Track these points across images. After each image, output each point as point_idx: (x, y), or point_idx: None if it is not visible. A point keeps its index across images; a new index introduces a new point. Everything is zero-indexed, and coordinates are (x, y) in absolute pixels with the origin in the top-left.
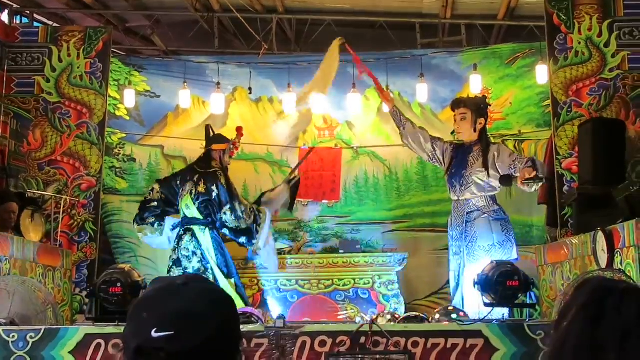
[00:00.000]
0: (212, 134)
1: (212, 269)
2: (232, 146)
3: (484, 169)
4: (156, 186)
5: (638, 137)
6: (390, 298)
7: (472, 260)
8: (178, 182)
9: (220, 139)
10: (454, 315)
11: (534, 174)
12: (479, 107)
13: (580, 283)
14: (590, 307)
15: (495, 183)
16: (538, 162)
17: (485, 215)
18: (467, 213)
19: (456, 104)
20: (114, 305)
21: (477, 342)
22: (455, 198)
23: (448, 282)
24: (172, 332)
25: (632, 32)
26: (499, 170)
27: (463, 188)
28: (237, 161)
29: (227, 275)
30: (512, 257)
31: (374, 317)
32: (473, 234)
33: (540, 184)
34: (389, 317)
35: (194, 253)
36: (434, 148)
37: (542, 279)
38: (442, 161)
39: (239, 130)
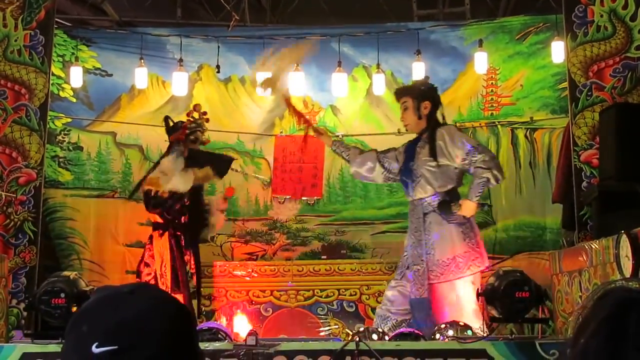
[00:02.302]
0: (171, 124)
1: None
2: (195, 127)
3: (431, 158)
4: None
5: None
6: None
7: (433, 277)
8: None
9: (176, 127)
10: (451, 332)
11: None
12: (419, 91)
13: (601, 294)
14: (612, 321)
15: (452, 173)
16: (495, 163)
17: (442, 218)
18: (424, 215)
19: (397, 95)
20: (56, 319)
21: None
22: (410, 198)
23: None
24: (116, 347)
25: None
26: (454, 158)
27: (414, 184)
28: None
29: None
30: (478, 269)
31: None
32: (431, 243)
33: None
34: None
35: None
36: (383, 166)
37: (556, 289)
38: (397, 171)
39: (195, 107)
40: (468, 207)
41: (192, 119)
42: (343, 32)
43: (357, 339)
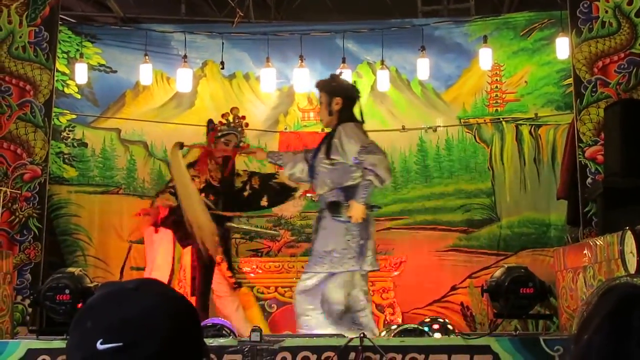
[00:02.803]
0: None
1: None
2: (226, 130)
3: (325, 156)
4: None
5: None
6: (385, 308)
7: (306, 267)
8: None
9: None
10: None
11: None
12: (330, 86)
13: (605, 290)
14: (617, 317)
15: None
16: (382, 165)
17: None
18: (320, 211)
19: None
20: (61, 315)
21: (485, 359)
22: (316, 196)
23: (453, 287)
24: (121, 344)
25: None
26: (348, 156)
27: (314, 182)
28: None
29: None
30: (353, 269)
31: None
32: (316, 236)
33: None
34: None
35: None
36: (307, 162)
37: (561, 286)
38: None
39: (232, 110)
40: (355, 209)
41: (224, 122)
42: (347, 29)
43: (362, 334)
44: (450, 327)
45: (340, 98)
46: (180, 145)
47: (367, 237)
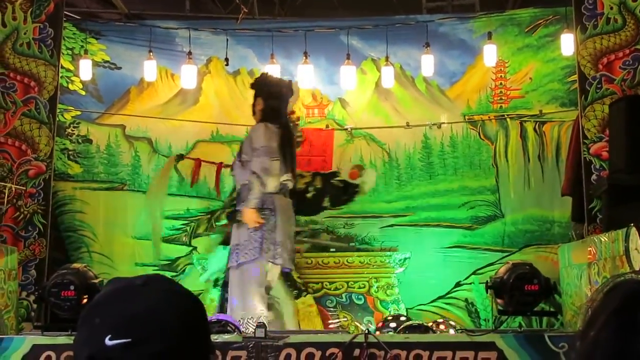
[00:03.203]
0: None
1: None
2: None
3: (237, 154)
4: None
5: None
6: (390, 304)
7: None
8: None
9: None
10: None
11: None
12: (256, 86)
13: (611, 287)
14: (623, 314)
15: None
16: (266, 170)
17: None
18: None
19: None
20: (66, 311)
21: (489, 356)
22: None
23: (458, 284)
24: (129, 340)
25: None
26: (250, 156)
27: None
28: (212, 143)
29: None
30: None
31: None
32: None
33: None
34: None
35: None
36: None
37: (565, 282)
38: None
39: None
40: (246, 214)
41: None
42: (352, 25)
43: (367, 331)
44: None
45: (260, 98)
46: (180, 157)
47: (274, 231)
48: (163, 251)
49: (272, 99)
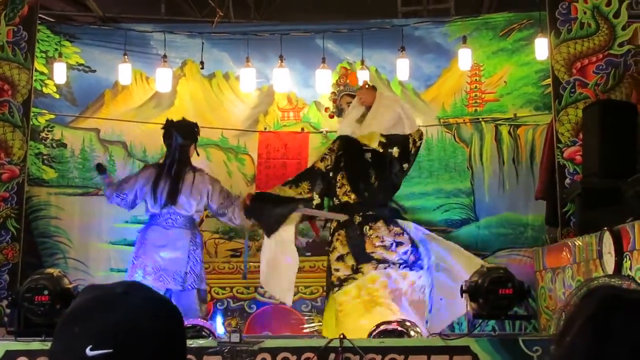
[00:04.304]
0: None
1: None
2: None
3: None
4: None
5: None
6: None
7: None
8: None
9: None
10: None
11: None
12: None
13: (586, 292)
14: (598, 319)
15: None
16: None
17: None
18: None
19: None
20: (40, 316)
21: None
22: None
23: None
24: (111, 350)
25: None
26: None
27: None
28: None
29: None
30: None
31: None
32: None
33: None
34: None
35: None
36: None
37: (539, 286)
38: None
39: None
40: None
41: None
42: (327, 29)
43: (342, 335)
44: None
45: None
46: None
47: None
48: None
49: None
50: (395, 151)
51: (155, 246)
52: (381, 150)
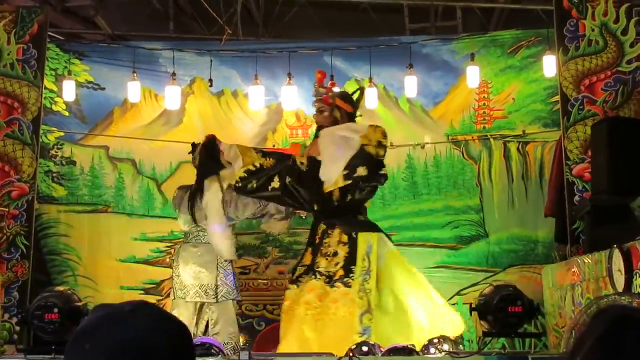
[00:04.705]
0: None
1: None
2: None
3: None
4: None
5: None
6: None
7: None
8: None
9: None
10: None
11: None
12: None
13: (597, 312)
14: (608, 339)
15: None
16: None
17: None
18: None
19: None
20: (49, 334)
21: None
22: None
23: None
24: None
25: None
26: None
27: None
28: None
29: None
30: None
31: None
32: None
33: None
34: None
35: None
36: None
37: (549, 304)
38: None
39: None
40: None
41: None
42: (335, 46)
43: (351, 354)
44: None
45: None
46: None
47: None
48: (149, 274)
49: None
50: (362, 170)
51: (186, 263)
52: (349, 181)
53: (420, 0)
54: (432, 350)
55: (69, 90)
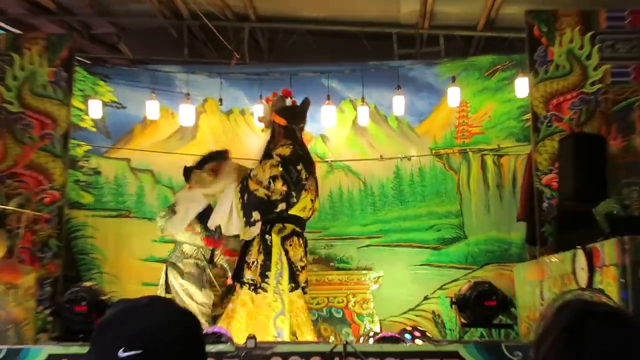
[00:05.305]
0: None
1: None
2: None
3: None
4: None
5: (619, 152)
6: (365, 317)
7: None
8: None
9: None
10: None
11: None
12: None
13: (562, 305)
14: (571, 331)
15: None
16: None
17: None
18: None
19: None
20: (78, 324)
21: None
22: None
23: (426, 298)
24: (140, 351)
25: (614, 45)
26: None
27: None
28: None
29: None
30: None
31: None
32: None
33: None
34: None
35: None
36: None
37: (520, 298)
38: None
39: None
40: None
41: None
42: (331, 70)
43: (345, 341)
44: (428, 335)
45: None
46: None
47: None
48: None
49: None
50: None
51: None
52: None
53: (407, 29)
54: (408, 337)
55: (95, 109)
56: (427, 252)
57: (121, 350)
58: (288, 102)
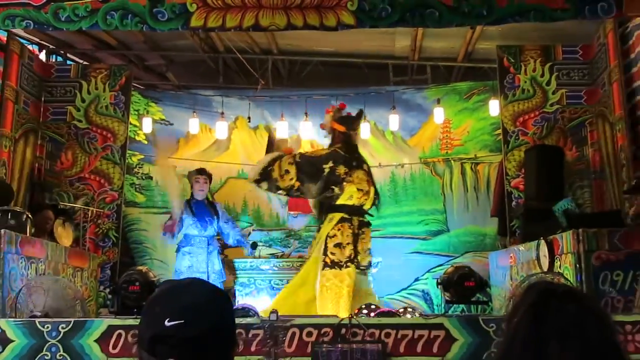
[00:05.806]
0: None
1: None
2: None
3: None
4: None
5: (573, 161)
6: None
7: None
8: None
9: None
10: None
11: None
12: None
13: (529, 286)
14: (537, 307)
15: None
16: None
17: None
18: None
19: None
20: (132, 301)
21: (439, 333)
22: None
23: (416, 279)
24: (182, 321)
25: (569, 73)
26: None
27: None
28: (238, 179)
29: None
30: None
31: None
32: None
33: None
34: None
35: None
36: None
37: (494, 279)
38: None
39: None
40: None
41: None
42: (339, 93)
43: (351, 315)
44: (420, 312)
45: None
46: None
47: None
48: None
49: None
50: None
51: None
52: None
53: (401, 60)
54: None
55: (147, 125)
56: (417, 242)
57: (166, 320)
58: (344, 112)
